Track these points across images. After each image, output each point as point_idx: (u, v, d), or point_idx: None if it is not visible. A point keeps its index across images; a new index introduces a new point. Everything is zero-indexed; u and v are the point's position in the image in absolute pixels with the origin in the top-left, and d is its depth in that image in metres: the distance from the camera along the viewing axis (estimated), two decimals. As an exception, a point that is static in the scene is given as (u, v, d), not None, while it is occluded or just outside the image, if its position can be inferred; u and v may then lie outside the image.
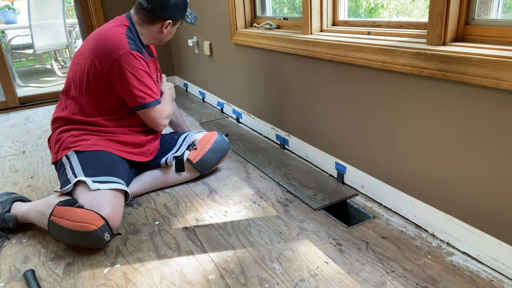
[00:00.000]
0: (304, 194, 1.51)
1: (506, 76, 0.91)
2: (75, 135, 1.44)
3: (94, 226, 1.17)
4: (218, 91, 2.70)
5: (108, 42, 1.39)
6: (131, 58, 1.40)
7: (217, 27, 2.48)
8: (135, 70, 1.41)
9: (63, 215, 1.19)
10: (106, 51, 1.38)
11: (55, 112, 1.52)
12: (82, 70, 1.43)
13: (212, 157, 1.65)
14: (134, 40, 1.46)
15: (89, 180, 1.28)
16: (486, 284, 1.02)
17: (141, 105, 1.45)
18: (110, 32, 1.42)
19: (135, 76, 1.41)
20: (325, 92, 1.59)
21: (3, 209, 1.35)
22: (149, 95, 1.46)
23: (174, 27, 1.56)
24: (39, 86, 3.95)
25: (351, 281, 1.05)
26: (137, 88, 1.42)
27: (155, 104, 1.48)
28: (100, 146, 1.43)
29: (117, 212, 1.25)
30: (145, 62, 1.46)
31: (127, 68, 1.39)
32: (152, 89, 1.47)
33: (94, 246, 1.23)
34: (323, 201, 1.45)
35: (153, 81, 1.49)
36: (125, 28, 1.46)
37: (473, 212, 1.10)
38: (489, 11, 1.08)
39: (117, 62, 1.38)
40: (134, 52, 1.41)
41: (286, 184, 1.60)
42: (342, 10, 1.63)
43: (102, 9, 3.14)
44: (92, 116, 1.46)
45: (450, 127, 1.10)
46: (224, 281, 1.08)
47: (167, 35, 1.57)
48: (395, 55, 1.19)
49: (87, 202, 1.23)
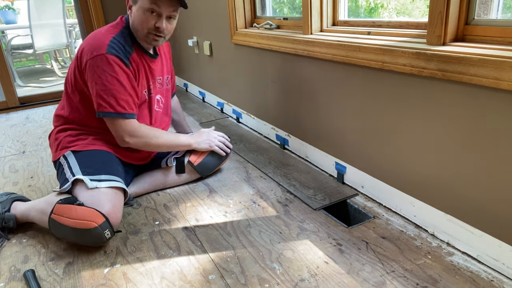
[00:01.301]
0: (304, 194, 1.51)
1: (506, 76, 0.91)
2: (72, 135, 1.44)
3: (94, 224, 1.17)
4: (218, 91, 2.70)
5: (89, 42, 1.35)
6: (103, 62, 1.31)
7: (217, 27, 2.48)
8: (102, 74, 1.31)
9: (64, 213, 1.19)
10: (86, 51, 1.34)
11: (56, 109, 1.53)
12: (73, 68, 1.42)
13: (213, 160, 1.65)
14: (122, 44, 1.36)
15: (87, 179, 1.28)
16: (486, 284, 1.02)
17: (99, 112, 1.36)
18: (96, 33, 1.38)
19: (101, 81, 1.32)
20: (325, 92, 1.59)
21: (3, 208, 1.35)
22: (111, 105, 1.34)
23: (136, 5, 1.36)
24: (39, 86, 3.95)
25: (351, 281, 1.05)
26: (99, 94, 1.33)
27: (113, 116, 1.35)
28: (97, 145, 1.43)
29: (117, 209, 1.25)
30: (121, 70, 1.34)
31: (95, 70, 1.31)
32: (118, 99, 1.34)
33: (95, 244, 1.23)
34: (323, 201, 1.45)
35: (126, 92, 1.36)
36: (116, 31, 1.39)
37: (473, 212, 1.10)
38: (489, 11, 1.08)
39: (89, 62, 1.32)
40: (109, 56, 1.31)
41: (286, 184, 1.60)
42: (342, 10, 1.63)
43: (102, 9, 3.14)
44: (85, 116, 1.45)
45: (450, 127, 1.10)
46: (224, 281, 1.08)
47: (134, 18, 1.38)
48: (395, 55, 1.19)
49: (87, 200, 1.23)
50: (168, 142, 1.51)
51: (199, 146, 1.60)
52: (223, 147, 1.65)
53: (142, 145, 1.45)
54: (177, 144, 1.55)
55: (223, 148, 1.65)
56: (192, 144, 1.58)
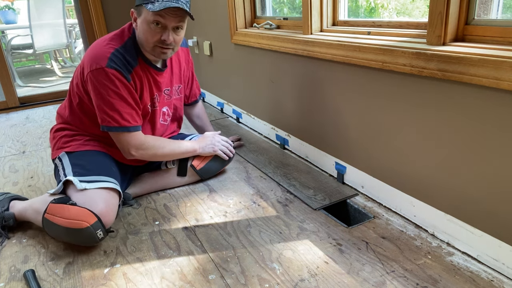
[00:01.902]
0: (304, 194, 1.51)
1: (506, 76, 0.91)
2: (68, 135, 1.45)
3: (86, 223, 1.17)
4: (218, 91, 2.70)
5: (92, 53, 1.33)
6: (103, 76, 1.29)
7: (217, 27, 2.48)
8: (103, 89, 1.30)
9: (57, 213, 1.20)
10: (87, 61, 1.32)
11: (60, 107, 1.54)
12: (77, 73, 1.41)
13: (215, 164, 1.65)
14: (124, 57, 1.33)
15: (76, 180, 1.28)
16: (486, 284, 1.02)
17: (105, 127, 1.35)
18: (100, 43, 1.35)
19: (102, 96, 1.31)
20: (325, 92, 1.59)
21: (2, 207, 1.35)
22: (115, 119, 1.33)
23: (140, 17, 1.31)
24: (39, 86, 3.95)
25: (351, 281, 1.05)
26: (102, 109, 1.32)
27: (119, 130, 1.35)
28: (90, 145, 1.43)
29: (110, 209, 1.25)
30: (121, 84, 1.32)
31: (96, 84, 1.30)
32: (122, 113, 1.33)
33: (88, 244, 1.23)
34: (323, 201, 1.45)
35: (128, 105, 1.34)
36: (121, 42, 1.35)
37: (473, 212, 1.10)
38: (489, 11, 1.08)
39: (89, 75, 1.31)
40: (109, 70, 1.28)
41: (286, 184, 1.60)
42: (342, 10, 1.63)
43: (102, 9, 3.14)
44: (82, 120, 1.45)
45: (450, 127, 1.10)
46: (224, 281, 1.08)
47: (139, 31, 1.33)
48: (395, 55, 1.19)
49: (80, 200, 1.24)
50: (174, 151, 1.51)
51: (204, 151, 1.60)
52: (227, 151, 1.65)
53: (149, 157, 1.45)
54: (182, 152, 1.54)
55: (227, 152, 1.65)
56: (196, 149, 1.58)
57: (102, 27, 3.17)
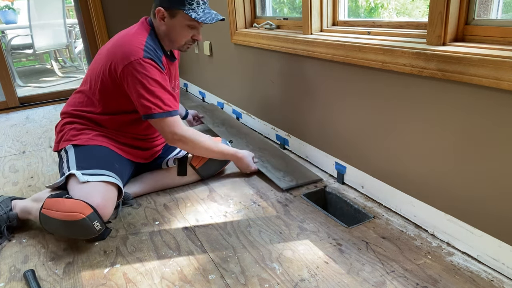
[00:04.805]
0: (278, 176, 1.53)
1: (506, 76, 0.91)
2: (77, 129, 1.46)
3: (82, 215, 1.18)
4: (218, 91, 2.70)
5: (124, 48, 1.37)
6: (142, 66, 1.35)
7: (217, 27, 2.48)
8: (144, 78, 1.36)
9: (53, 207, 1.21)
10: (121, 56, 1.36)
11: (65, 106, 1.54)
12: (99, 70, 1.43)
13: (215, 163, 1.65)
14: (154, 48, 1.41)
15: (79, 173, 1.30)
16: (486, 284, 1.02)
17: (148, 115, 1.40)
18: (129, 38, 1.40)
19: (144, 85, 1.36)
20: (325, 92, 1.59)
21: (6, 207, 1.36)
22: (157, 105, 1.38)
23: (174, 19, 1.42)
24: (39, 86, 3.95)
25: (351, 281, 1.05)
26: (144, 97, 1.37)
27: (163, 116, 1.40)
28: (98, 140, 1.44)
29: (107, 202, 1.26)
30: (159, 72, 1.40)
31: (136, 75, 1.35)
32: (164, 99, 1.39)
33: (86, 236, 1.23)
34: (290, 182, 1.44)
35: (167, 91, 1.42)
36: (146, 34, 1.43)
37: (473, 212, 1.10)
38: (489, 11, 1.08)
39: (127, 68, 1.35)
40: (146, 60, 1.36)
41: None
42: (342, 10, 1.63)
43: (102, 9, 3.14)
44: (98, 114, 1.46)
45: (450, 127, 1.10)
46: (224, 281, 1.08)
47: (169, 30, 1.44)
48: (395, 55, 1.19)
49: (78, 193, 1.25)
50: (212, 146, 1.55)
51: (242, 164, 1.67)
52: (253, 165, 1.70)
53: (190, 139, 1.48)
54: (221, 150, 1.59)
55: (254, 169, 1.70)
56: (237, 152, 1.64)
57: (102, 27, 3.17)
